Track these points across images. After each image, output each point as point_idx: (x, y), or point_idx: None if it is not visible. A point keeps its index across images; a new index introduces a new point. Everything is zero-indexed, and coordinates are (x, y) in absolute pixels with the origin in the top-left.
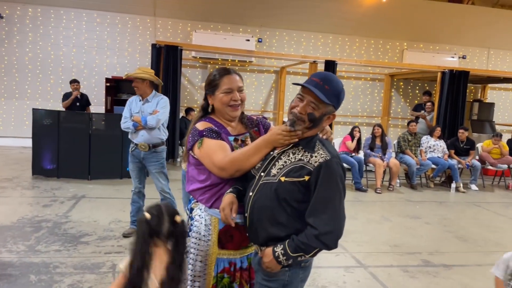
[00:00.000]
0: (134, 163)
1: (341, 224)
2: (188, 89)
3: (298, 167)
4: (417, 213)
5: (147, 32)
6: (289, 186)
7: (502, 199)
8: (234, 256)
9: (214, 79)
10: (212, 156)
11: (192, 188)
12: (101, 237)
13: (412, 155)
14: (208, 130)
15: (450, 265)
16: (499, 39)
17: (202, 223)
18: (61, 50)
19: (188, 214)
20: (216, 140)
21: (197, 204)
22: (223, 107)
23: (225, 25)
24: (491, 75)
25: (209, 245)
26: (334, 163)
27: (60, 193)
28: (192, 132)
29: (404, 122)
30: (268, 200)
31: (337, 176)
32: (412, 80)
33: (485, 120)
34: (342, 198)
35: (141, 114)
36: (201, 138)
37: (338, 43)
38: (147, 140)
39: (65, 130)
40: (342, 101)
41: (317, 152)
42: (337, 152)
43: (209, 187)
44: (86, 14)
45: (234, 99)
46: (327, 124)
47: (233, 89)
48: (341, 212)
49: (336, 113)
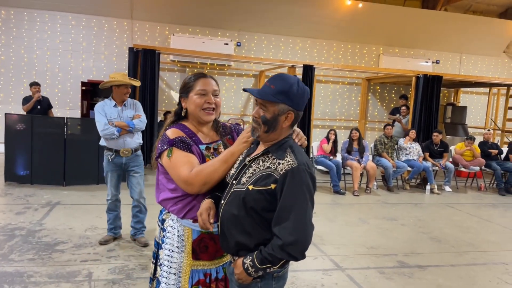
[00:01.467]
0: (113, 172)
1: (307, 234)
2: (166, 93)
3: (266, 175)
4: (394, 215)
5: (124, 35)
6: (256, 195)
7: (474, 200)
8: (209, 266)
9: (189, 81)
10: (179, 169)
11: (163, 198)
12: (77, 244)
13: (389, 158)
14: (179, 140)
15: (425, 265)
16: (471, 44)
17: (175, 234)
18: (35, 53)
19: (160, 226)
20: (185, 153)
21: (168, 215)
22: (196, 111)
23: (204, 28)
24: (463, 80)
25: (183, 256)
26: (300, 170)
27: (34, 200)
28: (161, 139)
29: (380, 126)
30: (236, 209)
31: (302, 184)
32: (388, 84)
33: (458, 123)
34: (309, 207)
35: (120, 120)
36: (170, 147)
37: (316, 47)
38: (129, 144)
39: (39, 135)
40: (301, 98)
41: (285, 159)
42: (307, 159)
43: (181, 197)
44: (60, 16)
45: (208, 102)
46: (287, 123)
47: (208, 91)
48: (307, 222)
49: (315, 116)
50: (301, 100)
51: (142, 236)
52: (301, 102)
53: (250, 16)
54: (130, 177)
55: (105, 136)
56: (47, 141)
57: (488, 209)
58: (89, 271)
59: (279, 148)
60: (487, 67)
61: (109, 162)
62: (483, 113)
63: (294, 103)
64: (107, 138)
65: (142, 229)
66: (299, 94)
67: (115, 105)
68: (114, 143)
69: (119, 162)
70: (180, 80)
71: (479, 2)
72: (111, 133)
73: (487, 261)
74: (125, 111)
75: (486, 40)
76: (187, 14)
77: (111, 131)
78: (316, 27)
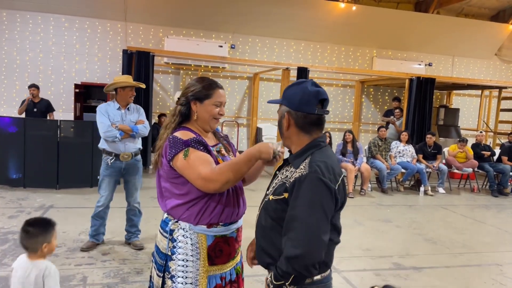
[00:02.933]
0: (111, 177)
1: (312, 248)
2: (160, 95)
3: (281, 184)
4: (388, 217)
5: (117, 38)
6: (274, 205)
7: (467, 201)
8: (224, 270)
9: (206, 89)
10: (198, 167)
11: (172, 205)
12: (71, 248)
13: (383, 160)
14: (194, 140)
15: (420, 267)
16: (463, 47)
17: (188, 243)
18: (27, 55)
19: (167, 237)
20: (203, 152)
21: (177, 225)
22: (209, 118)
23: (198, 31)
24: (456, 82)
25: (199, 264)
26: (310, 178)
27: (27, 204)
28: (172, 142)
29: (374, 128)
30: (263, 219)
31: (311, 193)
32: (382, 87)
33: (451, 125)
34: (318, 218)
35: (123, 123)
36: (187, 148)
37: (310, 50)
38: (130, 149)
39: (31, 138)
40: (297, 95)
41: (300, 167)
42: (327, 167)
43: (193, 201)
44: (53, 18)
45: (221, 113)
46: (286, 126)
47: (222, 103)
48: (313, 235)
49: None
50: (297, 98)
51: (137, 239)
52: (296, 100)
53: (245, 18)
54: (128, 182)
55: (107, 138)
56: (40, 144)
57: (481, 211)
58: (84, 275)
59: (298, 157)
60: (479, 70)
61: (108, 167)
62: (475, 115)
63: (289, 102)
64: (108, 141)
65: (137, 233)
66: (294, 91)
67: (119, 108)
68: (114, 147)
69: (118, 167)
70: (174, 83)
71: (471, 5)
72: (113, 136)
73: (481, 263)
74: (128, 115)
75: (478, 42)
76: (181, 16)
77: (114, 133)
78: (310, 29)
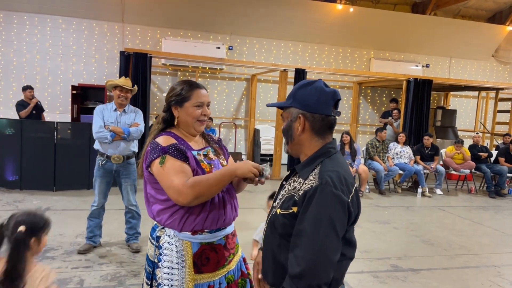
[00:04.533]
0: (103, 178)
1: (319, 266)
2: (157, 97)
3: (289, 197)
4: (386, 218)
5: (115, 39)
6: (282, 219)
7: (465, 202)
8: (212, 278)
9: (183, 91)
10: (172, 177)
11: (156, 211)
12: (68, 251)
13: (380, 161)
14: (173, 147)
15: (418, 269)
16: (460, 48)
17: (173, 250)
18: (24, 56)
19: (154, 244)
20: (180, 162)
21: (163, 231)
22: (192, 121)
23: (195, 32)
24: (453, 83)
25: (184, 272)
26: (321, 191)
27: (24, 206)
28: (152, 147)
29: (372, 129)
30: (271, 234)
31: (320, 207)
32: (379, 88)
33: (448, 126)
34: (328, 236)
35: (117, 125)
36: (163, 155)
37: (307, 51)
38: (122, 151)
39: (28, 139)
40: (312, 96)
41: (309, 177)
42: (340, 177)
43: (175, 206)
44: (50, 19)
45: (204, 114)
46: (300, 129)
47: (204, 103)
48: (320, 253)
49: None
50: (312, 98)
51: (135, 242)
52: (313, 102)
53: (242, 20)
54: (120, 184)
55: (97, 139)
56: (37, 146)
57: (478, 212)
58: (81, 278)
59: (306, 166)
60: (476, 71)
61: (100, 168)
62: (472, 116)
63: (303, 104)
64: (100, 142)
65: (136, 235)
66: (308, 92)
67: (115, 109)
68: (107, 148)
69: (110, 169)
70: (172, 84)
71: (468, 7)
72: (104, 137)
73: (479, 264)
74: (123, 116)
75: (475, 44)
76: (178, 18)
77: (104, 134)
78: (307, 31)
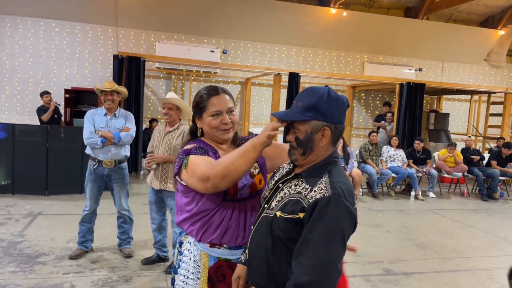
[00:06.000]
0: (95, 182)
1: (328, 276)
2: (151, 100)
3: (294, 201)
4: (379, 222)
5: (108, 42)
6: (283, 223)
7: (457, 205)
8: None
9: (201, 100)
10: (196, 170)
11: (181, 219)
12: (59, 256)
13: (373, 164)
14: (195, 148)
15: (410, 272)
16: (453, 52)
17: (191, 259)
18: (17, 60)
19: (178, 249)
20: (202, 156)
21: (186, 237)
22: (212, 131)
23: (189, 35)
24: (446, 87)
25: (198, 284)
26: (334, 201)
27: (15, 210)
28: (178, 156)
29: (365, 132)
30: (264, 237)
31: (333, 218)
32: (373, 91)
33: (441, 130)
34: (338, 247)
35: (107, 129)
36: (187, 157)
37: (301, 55)
38: (114, 156)
39: (20, 143)
40: (335, 108)
41: (318, 185)
42: (348, 188)
43: (196, 216)
44: (44, 23)
45: (224, 122)
46: (325, 141)
47: (223, 111)
48: (330, 263)
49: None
50: (336, 110)
51: (127, 246)
52: (336, 113)
53: (236, 23)
54: (112, 189)
55: (88, 145)
56: (29, 150)
57: (471, 215)
58: (72, 283)
59: (314, 172)
60: (469, 75)
61: (91, 172)
62: (465, 120)
63: (327, 116)
64: (91, 147)
65: (128, 240)
66: (331, 105)
67: (105, 113)
68: (98, 153)
69: (101, 173)
70: (166, 87)
71: (460, 11)
72: (94, 143)
73: (471, 267)
74: (114, 121)
75: (467, 48)
76: (172, 21)
77: (95, 140)
78: (301, 35)
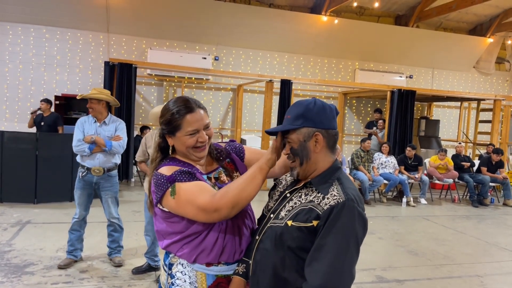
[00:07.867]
0: (84, 189)
1: (344, 282)
2: (143, 107)
3: (307, 210)
4: (371, 229)
5: (100, 49)
6: (295, 232)
7: (448, 212)
8: None
9: (174, 119)
10: (195, 200)
11: (167, 244)
12: (48, 266)
13: (365, 171)
14: (179, 173)
15: (403, 280)
16: (442, 60)
17: (186, 281)
18: (7, 66)
19: (166, 271)
20: (193, 182)
21: (176, 259)
22: (187, 150)
23: (181, 42)
24: (436, 94)
25: None
26: (349, 207)
27: (3, 219)
28: (156, 182)
29: (357, 139)
30: (272, 247)
31: (348, 224)
32: (364, 98)
33: (431, 136)
34: (352, 253)
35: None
36: (172, 185)
37: (293, 62)
38: (102, 163)
39: (9, 151)
40: (322, 114)
41: (331, 192)
42: (357, 194)
43: (186, 238)
44: (34, 29)
45: (201, 141)
46: (319, 147)
47: (200, 129)
48: (345, 269)
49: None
50: (323, 116)
51: (118, 255)
52: (325, 119)
53: (228, 30)
54: (101, 197)
55: (76, 152)
56: (18, 157)
57: (462, 221)
58: None
59: (323, 180)
60: (458, 82)
61: (80, 179)
62: (455, 126)
63: (316, 122)
64: (80, 155)
65: (118, 249)
66: (317, 111)
67: (95, 121)
68: (85, 160)
69: (90, 181)
70: (157, 94)
71: (449, 19)
72: (82, 150)
73: (462, 274)
74: (103, 128)
75: (457, 55)
76: (164, 28)
77: (82, 148)
78: (293, 42)
